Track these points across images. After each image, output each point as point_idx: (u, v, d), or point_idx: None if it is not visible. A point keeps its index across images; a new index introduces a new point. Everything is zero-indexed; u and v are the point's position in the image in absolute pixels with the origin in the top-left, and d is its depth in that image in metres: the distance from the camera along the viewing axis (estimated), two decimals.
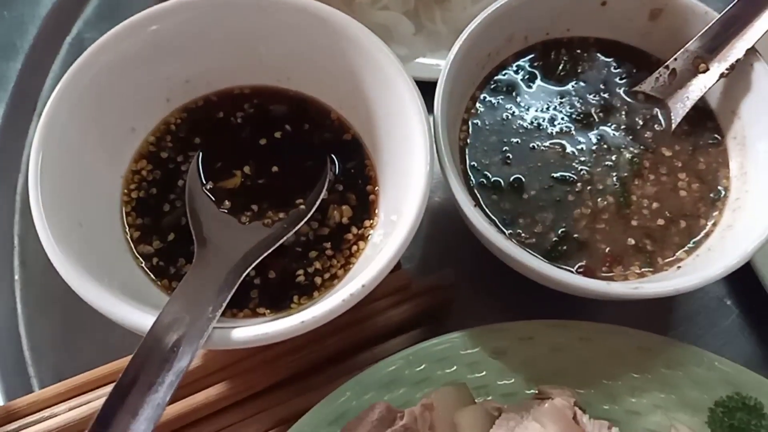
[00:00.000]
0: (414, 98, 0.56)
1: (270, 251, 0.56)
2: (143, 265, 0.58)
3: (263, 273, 0.57)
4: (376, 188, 0.61)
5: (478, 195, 0.62)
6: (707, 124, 0.65)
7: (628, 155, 0.64)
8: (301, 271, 0.58)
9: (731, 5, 0.61)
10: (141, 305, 0.52)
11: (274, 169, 0.61)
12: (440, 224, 0.69)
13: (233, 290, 0.52)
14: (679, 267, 0.59)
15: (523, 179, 0.62)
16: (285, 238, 0.57)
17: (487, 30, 0.63)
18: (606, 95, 0.66)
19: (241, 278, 0.53)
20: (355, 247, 0.59)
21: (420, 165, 0.54)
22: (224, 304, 0.51)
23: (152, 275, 0.58)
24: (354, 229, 0.60)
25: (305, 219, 0.58)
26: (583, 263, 0.60)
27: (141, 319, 0.49)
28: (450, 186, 0.57)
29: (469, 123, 0.65)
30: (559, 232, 0.61)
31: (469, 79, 0.65)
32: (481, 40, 0.63)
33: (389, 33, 0.75)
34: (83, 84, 0.57)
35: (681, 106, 0.64)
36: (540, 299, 0.60)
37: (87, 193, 0.58)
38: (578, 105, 0.66)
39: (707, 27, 0.62)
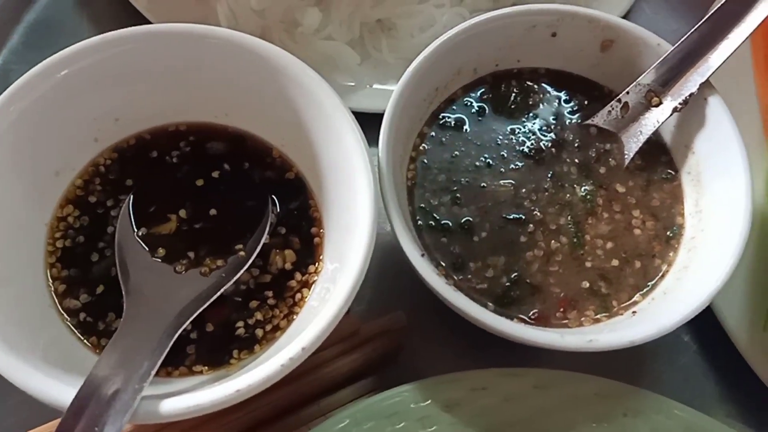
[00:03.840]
0: (355, 135, 0.53)
1: (208, 303, 0.52)
2: (69, 322, 0.54)
3: (200, 326, 0.54)
4: (321, 231, 0.58)
5: (426, 238, 0.59)
6: (661, 158, 0.63)
7: (581, 193, 0.61)
8: (241, 323, 0.54)
9: (685, 38, 0.59)
10: (64, 372, 0.48)
11: (212, 212, 0.58)
12: (391, 263, 0.66)
13: (167, 350, 0.49)
14: (634, 312, 0.57)
15: (474, 221, 0.59)
16: (224, 288, 0.53)
17: (436, 63, 0.60)
18: (558, 129, 0.63)
19: (177, 335, 0.50)
20: (298, 295, 0.56)
21: (364, 208, 0.51)
22: (155, 368, 0.47)
23: (79, 333, 0.53)
24: (298, 276, 0.56)
25: (245, 266, 0.55)
26: (536, 309, 0.57)
27: (58, 393, 0.45)
28: (395, 232, 0.54)
29: (417, 161, 0.62)
30: (512, 276, 0.58)
31: (416, 114, 0.62)
32: (429, 74, 0.60)
33: (334, 63, 0.72)
34: None
35: (634, 140, 0.62)
36: (494, 343, 0.56)
37: (5, 246, 0.54)
38: (530, 140, 0.63)
39: (660, 60, 0.60)
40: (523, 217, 0.59)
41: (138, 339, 0.49)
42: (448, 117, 0.64)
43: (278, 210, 0.58)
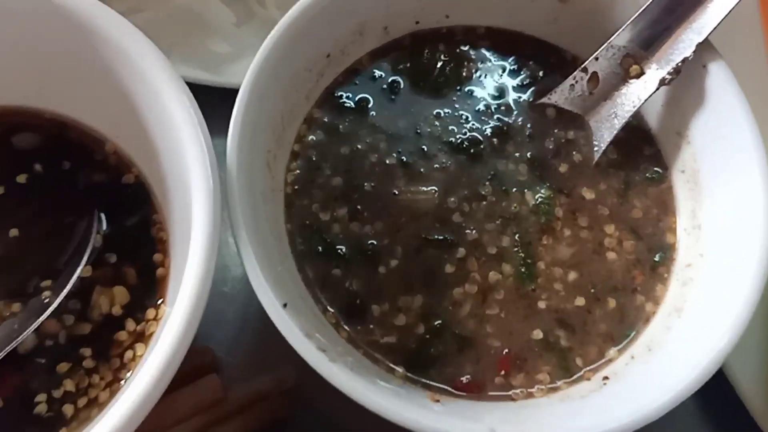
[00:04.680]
0: (190, 121, 0.41)
1: None
2: None
3: None
4: (167, 259, 0.45)
5: (310, 270, 0.44)
6: (644, 151, 0.49)
7: (533, 201, 0.46)
8: (42, 397, 0.42)
9: None
10: None
11: (12, 233, 0.46)
12: None
13: None
14: (605, 379, 0.42)
15: (380, 243, 0.45)
16: (16, 342, 0.42)
17: (322, 16, 0.46)
18: (502, 110, 0.49)
19: None
20: (129, 354, 0.43)
21: (199, 227, 0.39)
22: None
23: None
24: (130, 324, 0.44)
25: (49, 311, 0.43)
26: (467, 373, 0.42)
27: None
28: (245, 268, 0.39)
29: (301, 159, 0.47)
30: (433, 324, 0.43)
31: (299, 91, 0.47)
32: (312, 32, 0.46)
33: (205, 24, 0.57)
34: None
35: (607, 125, 0.48)
36: None
37: None
38: (462, 127, 0.48)
39: (640, 11, 0.46)
40: (451, 239, 0.45)
41: None
42: (347, 95, 0.49)
43: (105, 228, 0.47)
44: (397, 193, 0.46)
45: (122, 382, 0.42)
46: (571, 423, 0.37)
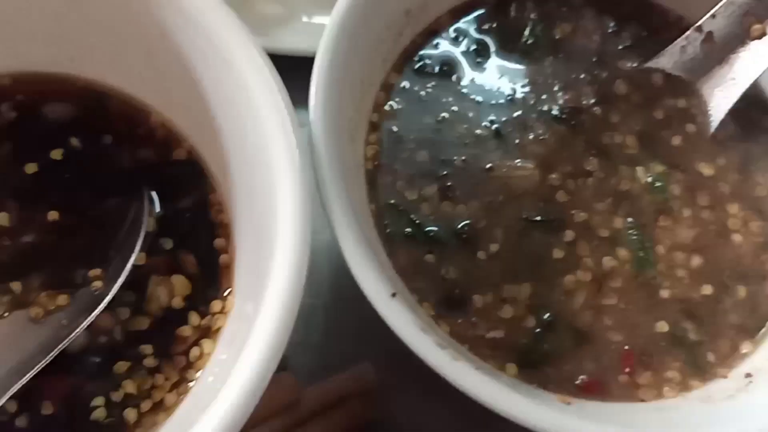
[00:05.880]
0: (269, 88, 0.36)
1: (40, 366, 0.37)
2: None
3: (31, 406, 0.39)
4: (231, 244, 0.41)
5: (401, 256, 0.39)
6: (764, 122, 0.44)
7: (644, 177, 0.41)
8: (100, 401, 0.39)
9: None
10: None
11: (52, 216, 0.42)
12: (351, 284, 0.46)
13: None
14: (748, 377, 0.37)
15: (477, 226, 0.40)
16: (68, 340, 0.38)
17: None
18: (603, 76, 0.44)
19: None
20: (196, 351, 0.39)
21: (287, 210, 0.34)
22: None
23: None
24: (194, 318, 0.40)
25: (104, 303, 0.39)
26: (587, 372, 0.37)
27: None
28: (342, 252, 0.33)
29: (382, 130, 0.42)
30: (544, 316, 0.38)
31: (376, 53, 0.42)
32: None
33: None
34: None
35: (723, 94, 0.43)
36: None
37: None
38: (558, 94, 0.43)
39: None
40: (557, 220, 0.40)
41: None
42: (428, 58, 0.44)
43: (158, 211, 0.42)
44: (491, 168, 0.41)
45: (191, 383, 0.38)
46: (731, 428, 0.32)
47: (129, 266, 0.40)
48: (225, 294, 0.40)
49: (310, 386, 0.45)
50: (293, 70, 0.38)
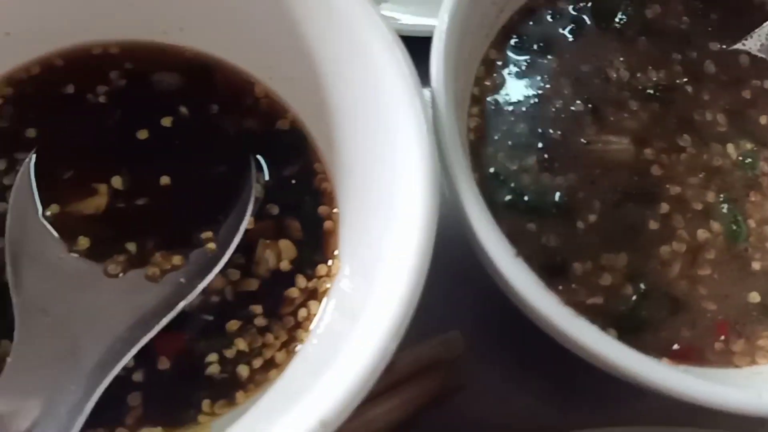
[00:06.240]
0: (394, 54, 0.36)
1: (164, 323, 0.38)
2: None
3: (149, 362, 0.39)
4: (334, 210, 0.42)
5: (504, 224, 0.39)
6: None
7: (735, 154, 0.42)
8: (213, 357, 0.39)
9: None
10: None
11: (164, 180, 0.42)
12: (438, 254, 0.46)
13: (92, 402, 0.34)
14: None
15: (575, 197, 0.40)
16: (189, 299, 0.38)
17: None
18: (693, 56, 0.44)
19: (109, 378, 0.35)
20: (303, 312, 0.40)
21: (412, 178, 0.34)
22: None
23: None
24: (301, 281, 0.40)
25: (218, 267, 0.39)
26: (682, 338, 0.38)
27: None
28: (466, 215, 0.34)
29: (483, 103, 0.42)
30: (640, 285, 0.39)
31: (480, 30, 0.42)
32: None
33: None
34: None
35: None
36: (595, 385, 0.40)
37: None
38: (651, 72, 0.44)
39: None
40: (651, 191, 0.41)
41: (41, 385, 0.34)
42: (526, 35, 0.44)
43: (267, 178, 0.42)
44: (587, 142, 0.41)
45: (298, 345, 0.39)
46: None
47: (242, 229, 0.41)
48: (330, 259, 0.41)
49: (398, 352, 0.47)
50: None
